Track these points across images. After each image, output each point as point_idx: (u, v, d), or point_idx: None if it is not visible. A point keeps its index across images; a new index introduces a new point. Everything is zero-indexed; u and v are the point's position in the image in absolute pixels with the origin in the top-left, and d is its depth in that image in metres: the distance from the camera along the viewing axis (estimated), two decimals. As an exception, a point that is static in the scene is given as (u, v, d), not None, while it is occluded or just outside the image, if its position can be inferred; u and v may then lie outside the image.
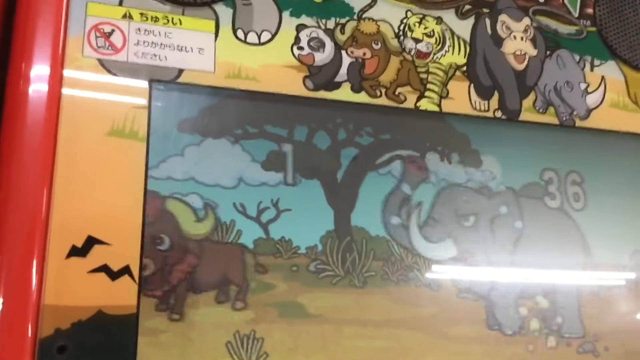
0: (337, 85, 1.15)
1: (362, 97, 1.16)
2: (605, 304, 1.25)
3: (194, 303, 0.98)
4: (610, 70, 1.39)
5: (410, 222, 1.14)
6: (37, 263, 0.90)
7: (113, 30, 1.03)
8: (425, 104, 1.20)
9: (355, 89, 1.16)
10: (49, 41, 0.99)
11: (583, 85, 1.35)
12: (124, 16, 1.05)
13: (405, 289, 1.11)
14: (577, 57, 1.36)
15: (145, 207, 0.97)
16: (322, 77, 1.14)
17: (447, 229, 1.17)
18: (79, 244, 0.92)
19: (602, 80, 1.37)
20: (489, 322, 1.15)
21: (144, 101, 1.02)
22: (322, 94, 1.14)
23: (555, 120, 1.31)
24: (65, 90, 0.98)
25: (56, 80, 0.98)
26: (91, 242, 0.93)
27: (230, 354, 0.98)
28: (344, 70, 1.16)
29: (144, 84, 1.03)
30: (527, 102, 1.29)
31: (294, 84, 1.12)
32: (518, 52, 1.30)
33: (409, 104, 1.19)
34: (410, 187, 1.16)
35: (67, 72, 0.99)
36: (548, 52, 1.34)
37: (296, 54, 1.14)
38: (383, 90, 1.18)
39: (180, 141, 1.04)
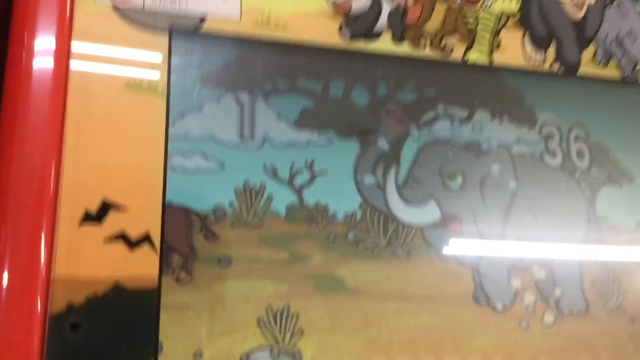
0: (377, 35, 1.05)
1: (405, 49, 1.06)
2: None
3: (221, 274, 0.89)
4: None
5: (387, 182, 1.02)
6: (46, 231, 0.82)
7: (128, -28, 0.93)
8: (474, 56, 1.09)
9: (397, 39, 1.06)
10: (57, -16, 0.89)
11: (646, 37, 1.22)
12: (140, -44, 0.95)
13: (453, 260, 1.01)
14: (639, 6, 1.24)
15: (166, 167, 0.88)
16: (360, 26, 1.05)
17: (429, 189, 1.04)
18: (93, 210, 0.84)
19: (666, 30, 1.24)
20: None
21: (163, 52, 0.93)
22: (360, 45, 1.04)
23: (617, 75, 1.18)
24: (75, 40, 0.89)
25: (65, 29, 0.89)
26: (106, 207, 0.85)
27: (262, 330, 0.89)
28: (384, 18, 1.06)
29: (163, 33, 0.94)
30: (587, 54, 1.17)
31: (328, 34, 1.03)
32: (576, -1, 1.18)
33: (457, 56, 1.08)
34: (388, 142, 1.03)
35: (77, 20, 0.90)
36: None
37: (331, 0, 1.03)
38: (428, 41, 1.07)
39: (202, 96, 0.95)
